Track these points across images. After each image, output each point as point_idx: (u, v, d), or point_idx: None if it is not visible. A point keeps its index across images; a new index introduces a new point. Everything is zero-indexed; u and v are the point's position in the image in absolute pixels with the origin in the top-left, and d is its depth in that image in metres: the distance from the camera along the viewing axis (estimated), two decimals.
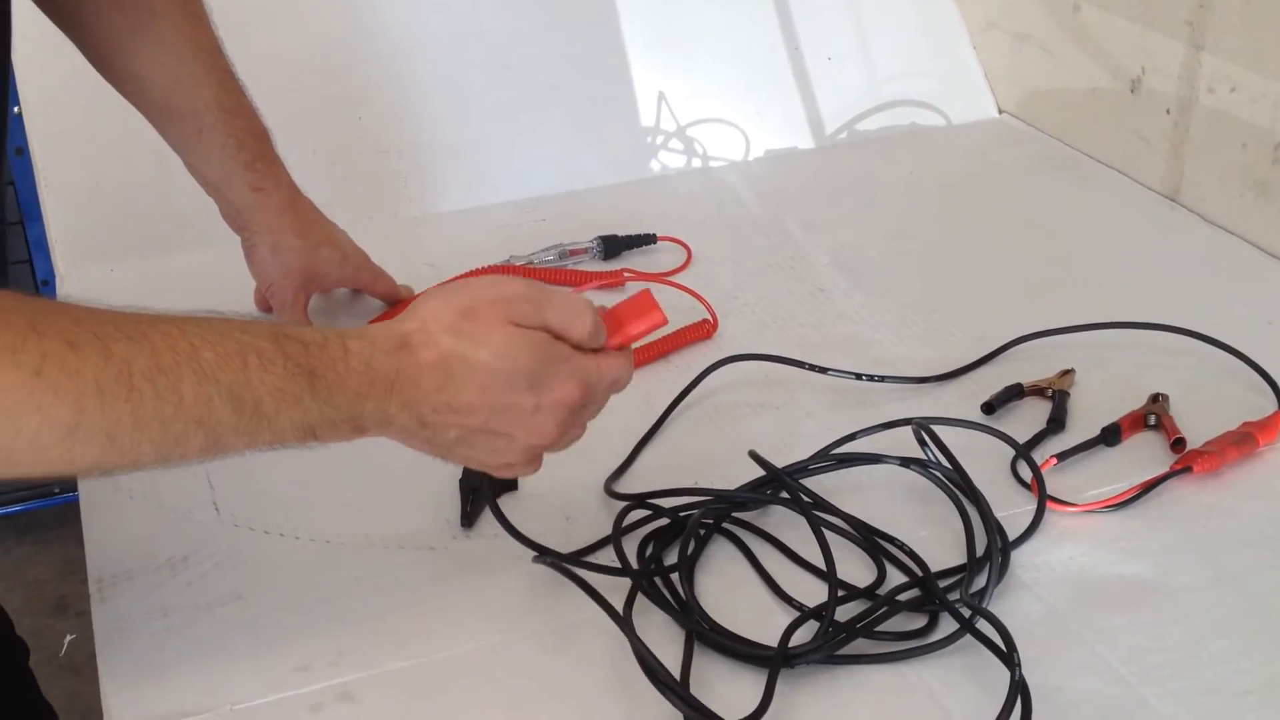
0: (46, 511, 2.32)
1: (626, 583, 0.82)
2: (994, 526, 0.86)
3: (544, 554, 0.83)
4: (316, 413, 0.69)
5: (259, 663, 0.78)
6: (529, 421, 0.74)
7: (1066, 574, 0.85)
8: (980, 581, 0.82)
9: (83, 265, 1.26)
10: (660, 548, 0.86)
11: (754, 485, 0.91)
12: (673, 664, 0.76)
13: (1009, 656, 0.74)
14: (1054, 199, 1.39)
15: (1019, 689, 0.73)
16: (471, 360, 0.72)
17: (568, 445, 0.79)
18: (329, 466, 0.70)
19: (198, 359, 0.65)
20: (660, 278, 1.19)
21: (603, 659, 0.78)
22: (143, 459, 0.65)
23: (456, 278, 1.20)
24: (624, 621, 0.77)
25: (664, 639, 0.79)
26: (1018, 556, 0.86)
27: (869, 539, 0.87)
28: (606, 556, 0.85)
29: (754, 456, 0.90)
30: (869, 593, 0.83)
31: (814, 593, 0.83)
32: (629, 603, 0.81)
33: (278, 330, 0.70)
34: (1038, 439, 0.98)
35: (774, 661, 0.76)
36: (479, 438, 0.74)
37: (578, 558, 0.85)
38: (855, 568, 0.85)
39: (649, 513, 0.89)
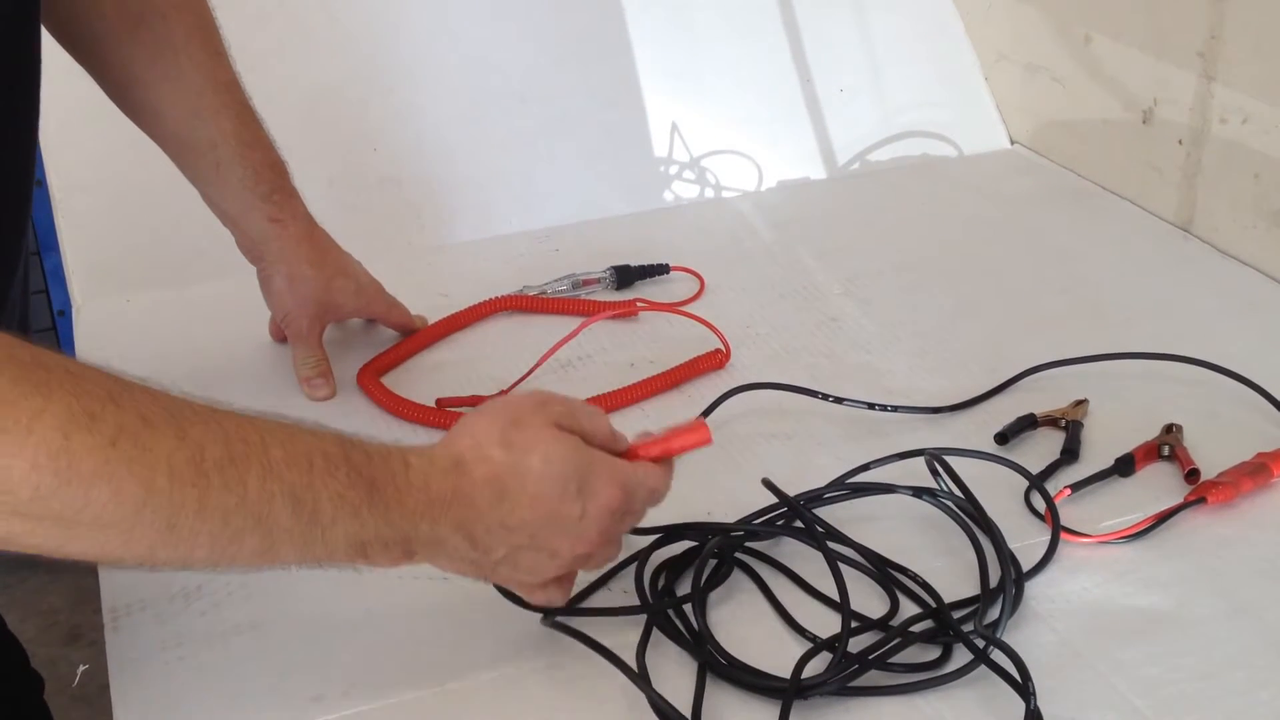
0: None
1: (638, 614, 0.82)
2: (1008, 557, 0.85)
3: (549, 615, 0.82)
4: (372, 528, 0.68)
5: (272, 693, 0.78)
6: (574, 530, 0.74)
7: (1081, 605, 0.85)
8: (994, 613, 0.82)
9: (99, 295, 1.26)
10: (672, 578, 0.86)
11: (766, 514, 0.91)
12: (685, 695, 0.76)
13: (1024, 687, 0.74)
14: (1066, 229, 1.39)
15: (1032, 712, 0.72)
16: (522, 469, 0.72)
17: (604, 563, 0.79)
18: None
19: (266, 454, 0.65)
20: (673, 307, 1.19)
21: (616, 691, 0.78)
22: (195, 554, 0.63)
23: (470, 308, 1.21)
24: (639, 676, 0.77)
25: (676, 671, 0.79)
26: (1031, 588, 0.86)
27: (882, 570, 0.87)
28: (618, 584, 0.85)
29: (767, 484, 0.90)
30: (883, 624, 0.83)
31: (826, 623, 0.83)
32: (643, 640, 0.80)
33: (343, 437, 0.69)
34: (1051, 469, 0.97)
35: (787, 694, 0.75)
36: (525, 555, 0.74)
37: (586, 609, 0.84)
38: (868, 598, 0.85)
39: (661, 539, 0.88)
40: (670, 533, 0.88)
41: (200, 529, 0.62)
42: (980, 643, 0.78)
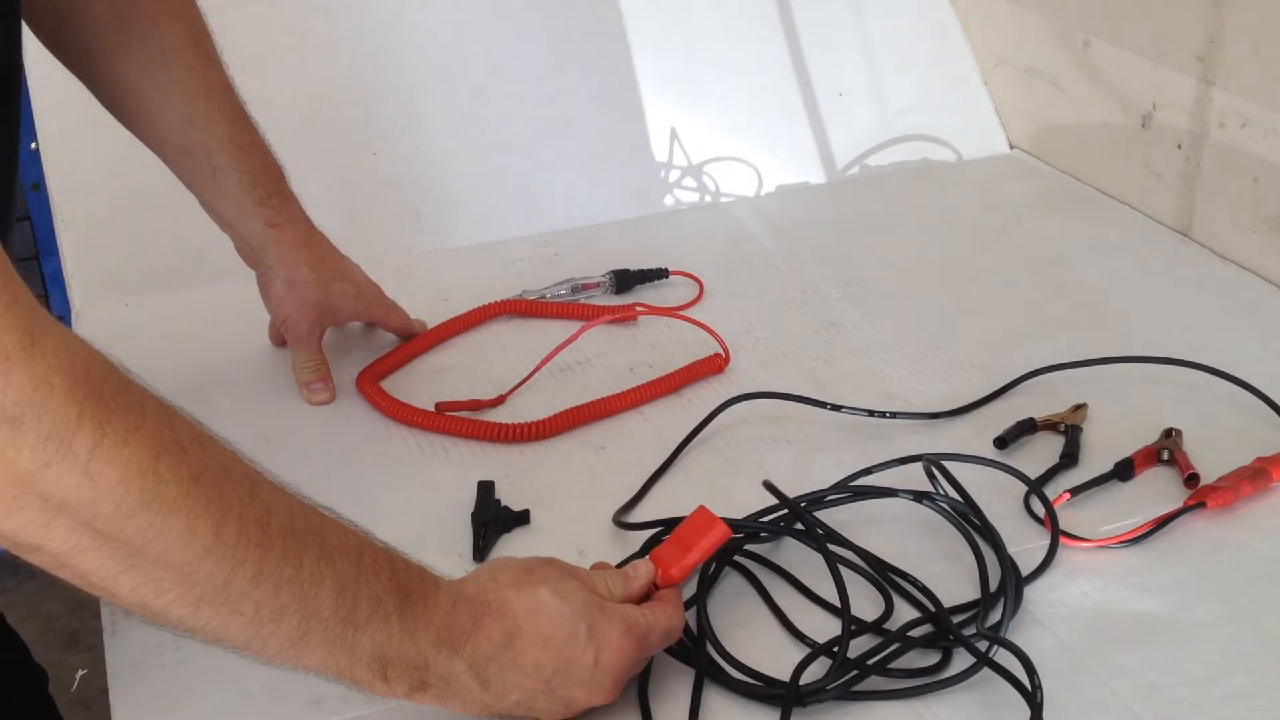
0: None
1: None
2: (1007, 562, 0.85)
3: None
4: (397, 642, 0.67)
5: (271, 697, 0.78)
6: (589, 680, 0.73)
7: (1080, 610, 0.85)
8: (995, 617, 0.82)
9: (99, 300, 1.27)
10: None
11: (766, 517, 0.91)
12: (682, 699, 0.76)
13: (1030, 691, 0.74)
14: (1066, 234, 1.39)
15: (1039, 710, 0.73)
16: (534, 606, 0.72)
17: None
18: (340, 500, 0.70)
19: (323, 538, 0.65)
20: (672, 312, 1.19)
21: None
22: (233, 624, 0.62)
23: (470, 312, 1.21)
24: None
25: (673, 674, 0.79)
26: (1031, 592, 0.86)
27: (882, 574, 0.87)
28: None
29: (768, 486, 0.90)
30: (882, 629, 0.83)
31: (824, 627, 0.83)
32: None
33: (388, 546, 0.69)
34: (1050, 474, 0.97)
35: (786, 700, 0.75)
36: (540, 700, 0.73)
37: None
38: (867, 602, 0.85)
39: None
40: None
41: (250, 595, 0.61)
42: (983, 645, 0.78)
